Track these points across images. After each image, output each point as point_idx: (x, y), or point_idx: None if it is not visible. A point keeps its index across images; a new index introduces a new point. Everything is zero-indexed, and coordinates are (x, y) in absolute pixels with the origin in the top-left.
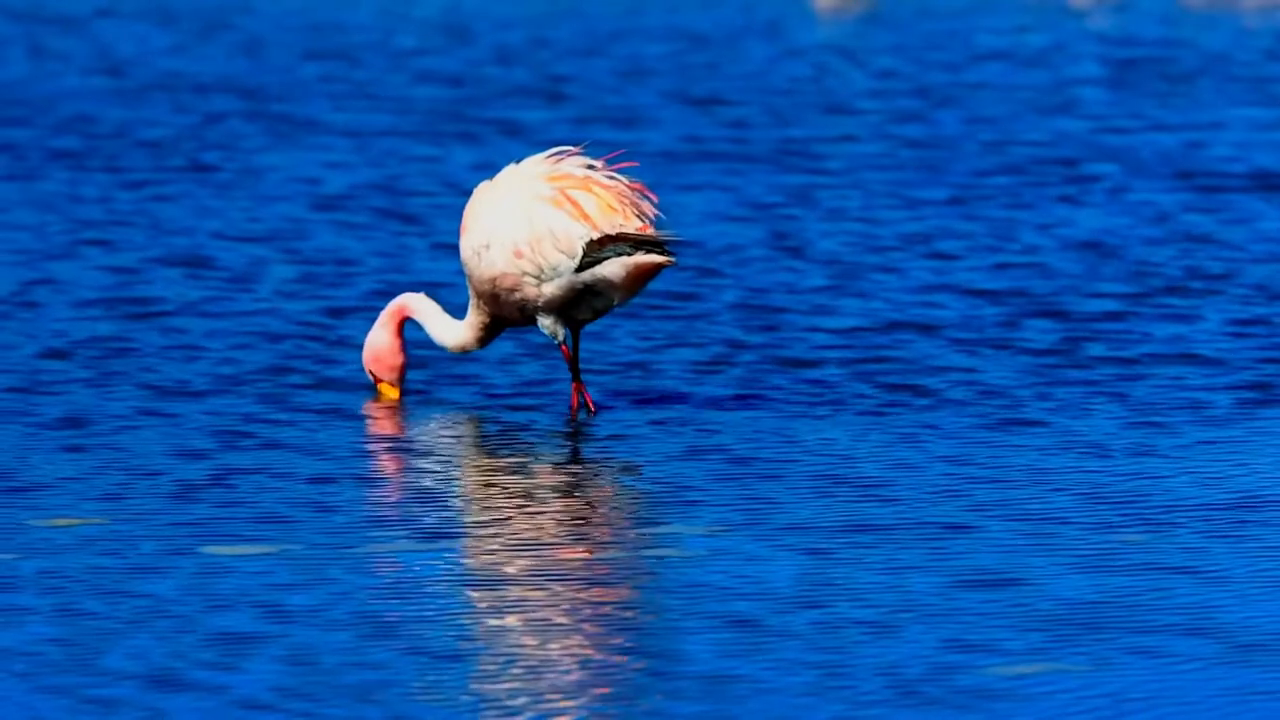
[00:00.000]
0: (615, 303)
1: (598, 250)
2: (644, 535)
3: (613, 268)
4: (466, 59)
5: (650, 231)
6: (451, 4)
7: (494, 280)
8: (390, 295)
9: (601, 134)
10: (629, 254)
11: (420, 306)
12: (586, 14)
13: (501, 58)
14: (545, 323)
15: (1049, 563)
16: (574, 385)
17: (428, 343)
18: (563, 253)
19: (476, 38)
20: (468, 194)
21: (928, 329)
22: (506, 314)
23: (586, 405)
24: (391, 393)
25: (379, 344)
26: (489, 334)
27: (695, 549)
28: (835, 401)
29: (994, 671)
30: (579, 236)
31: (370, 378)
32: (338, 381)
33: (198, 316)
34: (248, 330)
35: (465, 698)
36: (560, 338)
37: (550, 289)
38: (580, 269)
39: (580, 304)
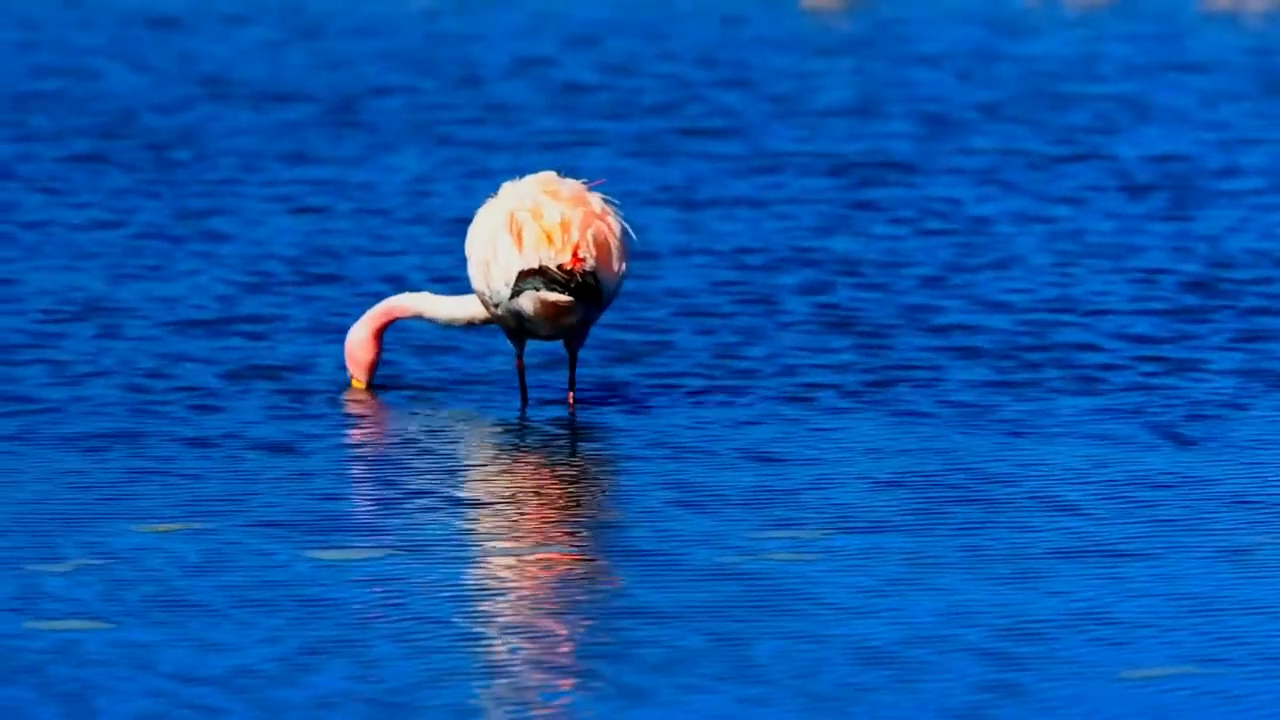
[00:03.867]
0: (549, 334)
1: (523, 281)
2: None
3: (525, 300)
4: (585, 64)
5: (573, 268)
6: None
7: (477, 292)
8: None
9: (718, 148)
10: (537, 289)
11: (411, 303)
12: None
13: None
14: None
15: (1256, 589)
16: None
17: (475, 351)
18: (502, 279)
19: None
20: None
21: (1121, 342)
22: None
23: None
24: (358, 385)
25: (352, 340)
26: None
27: (914, 574)
28: (1043, 418)
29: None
30: (514, 265)
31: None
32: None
33: (318, 330)
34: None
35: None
36: (518, 352)
37: (500, 310)
38: (511, 296)
39: (522, 330)
